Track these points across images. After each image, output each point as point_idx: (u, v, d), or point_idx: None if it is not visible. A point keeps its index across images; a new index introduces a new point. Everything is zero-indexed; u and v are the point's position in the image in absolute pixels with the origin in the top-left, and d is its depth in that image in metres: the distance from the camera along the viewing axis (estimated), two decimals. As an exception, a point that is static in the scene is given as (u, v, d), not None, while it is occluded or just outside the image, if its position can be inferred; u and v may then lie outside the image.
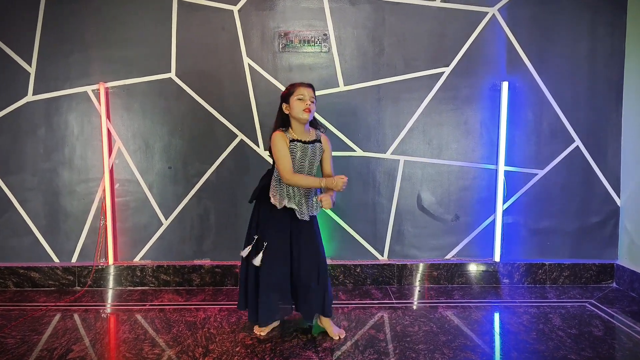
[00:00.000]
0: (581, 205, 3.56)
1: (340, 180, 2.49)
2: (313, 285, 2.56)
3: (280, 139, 2.55)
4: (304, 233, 2.61)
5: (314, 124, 2.71)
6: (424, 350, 2.44)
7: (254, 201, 2.68)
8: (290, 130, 2.61)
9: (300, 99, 2.54)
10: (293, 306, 2.73)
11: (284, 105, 2.61)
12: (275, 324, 2.75)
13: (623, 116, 3.50)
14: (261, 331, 2.67)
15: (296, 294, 2.66)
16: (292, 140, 2.57)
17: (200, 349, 2.47)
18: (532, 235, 3.58)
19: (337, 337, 2.63)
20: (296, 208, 2.55)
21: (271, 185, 2.59)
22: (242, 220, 3.43)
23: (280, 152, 2.52)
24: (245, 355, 2.40)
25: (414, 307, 3.09)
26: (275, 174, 2.60)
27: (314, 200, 2.61)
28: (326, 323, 2.68)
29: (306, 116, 2.54)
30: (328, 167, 2.72)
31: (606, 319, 2.89)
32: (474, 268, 3.53)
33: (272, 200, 2.55)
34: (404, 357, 2.38)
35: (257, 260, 2.55)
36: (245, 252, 2.63)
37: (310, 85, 2.62)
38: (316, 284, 2.57)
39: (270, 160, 2.73)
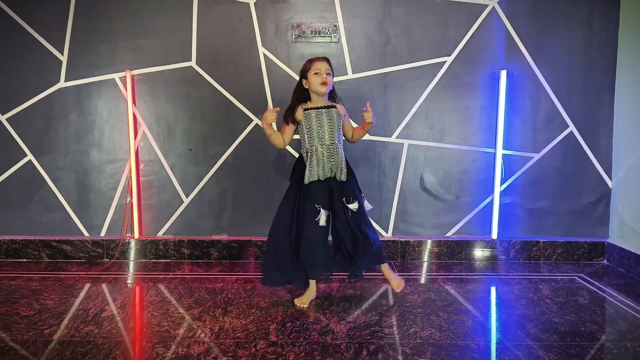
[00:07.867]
0: (574, 187, 3.76)
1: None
2: (350, 249, 2.82)
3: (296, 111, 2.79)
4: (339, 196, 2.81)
5: (333, 97, 2.89)
6: (421, 313, 2.70)
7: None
8: (308, 103, 2.81)
9: (316, 74, 2.69)
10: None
11: (304, 81, 2.78)
12: (313, 295, 2.88)
13: (615, 103, 3.67)
14: (302, 303, 2.82)
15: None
16: (305, 109, 2.77)
17: (220, 309, 2.74)
18: (528, 215, 3.79)
19: (398, 289, 2.91)
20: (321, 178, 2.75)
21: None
22: (256, 199, 3.72)
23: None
24: (260, 315, 2.67)
25: (415, 279, 3.34)
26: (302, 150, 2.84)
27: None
28: (384, 270, 2.93)
29: (323, 89, 2.71)
30: (349, 130, 2.94)
31: (592, 290, 3.11)
32: (472, 245, 3.76)
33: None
34: (403, 318, 2.63)
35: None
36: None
37: (325, 59, 2.76)
38: (353, 246, 2.81)
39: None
